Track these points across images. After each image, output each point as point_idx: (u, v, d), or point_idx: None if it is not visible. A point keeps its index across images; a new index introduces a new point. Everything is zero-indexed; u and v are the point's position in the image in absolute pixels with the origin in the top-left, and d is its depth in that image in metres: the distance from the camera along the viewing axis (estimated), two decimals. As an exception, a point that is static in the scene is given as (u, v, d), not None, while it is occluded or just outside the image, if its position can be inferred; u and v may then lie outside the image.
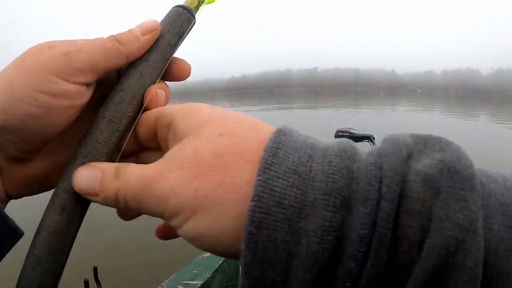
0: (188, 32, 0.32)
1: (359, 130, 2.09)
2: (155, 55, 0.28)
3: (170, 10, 0.32)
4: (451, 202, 0.15)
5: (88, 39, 0.25)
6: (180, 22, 0.31)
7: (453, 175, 0.16)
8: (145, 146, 0.27)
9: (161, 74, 0.29)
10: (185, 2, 0.33)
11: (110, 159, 0.24)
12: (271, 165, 0.18)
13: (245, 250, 0.17)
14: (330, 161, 0.18)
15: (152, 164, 0.21)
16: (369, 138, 1.96)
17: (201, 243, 0.20)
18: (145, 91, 0.26)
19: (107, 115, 0.25)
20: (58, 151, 0.27)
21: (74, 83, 0.24)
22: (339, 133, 2.03)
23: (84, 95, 0.25)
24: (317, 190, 0.17)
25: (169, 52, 0.29)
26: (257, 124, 0.21)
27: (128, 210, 0.23)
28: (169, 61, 0.29)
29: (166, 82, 0.30)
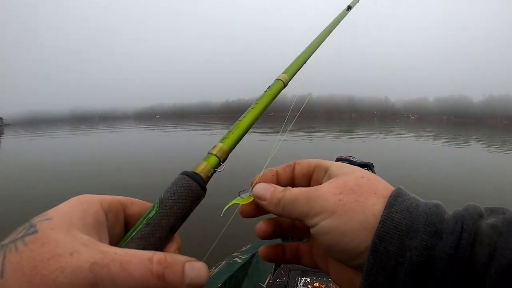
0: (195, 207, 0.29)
1: (358, 158, 2.09)
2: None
3: (178, 179, 0.28)
4: (509, 239, 0.24)
5: (123, 256, 0.22)
6: (189, 201, 0.28)
7: (511, 224, 0.25)
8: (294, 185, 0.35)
9: None
10: (197, 167, 0.30)
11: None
12: (392, 205, 0.28)
13: (370, 254, 0.26)
14: (429, 208, 0.27)
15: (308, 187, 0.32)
16: (368, 166, 1.95)
17: (330, 237, 0.28)
18: None
19: None
20: None
21: None
22: (339, 161, 2.02)
23: None
24: (420, 222, 0.26)
25: (169, 237, 0.28)
26: (383, 181, 0.31)
27: (278, 213, 0.32)
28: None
29: None
